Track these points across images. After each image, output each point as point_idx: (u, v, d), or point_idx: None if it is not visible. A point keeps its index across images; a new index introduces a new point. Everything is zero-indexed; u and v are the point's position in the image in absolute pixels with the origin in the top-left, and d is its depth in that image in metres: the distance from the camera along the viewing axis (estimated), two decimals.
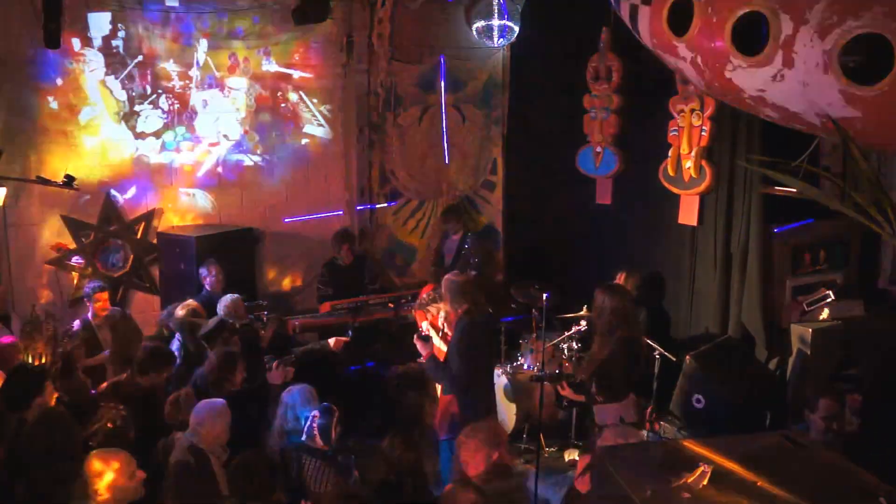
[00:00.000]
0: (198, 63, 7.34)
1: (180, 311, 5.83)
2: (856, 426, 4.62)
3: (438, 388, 5.53)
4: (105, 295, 6.20)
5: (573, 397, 5.16)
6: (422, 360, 5.29)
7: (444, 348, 5.33)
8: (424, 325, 5.63)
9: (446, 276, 5.29)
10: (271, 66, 7.70)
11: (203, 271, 6.55)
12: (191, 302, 5.97)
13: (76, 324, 6.03)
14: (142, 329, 6.57)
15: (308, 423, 4.20)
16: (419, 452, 4.07)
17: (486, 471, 3.78)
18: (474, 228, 8.64)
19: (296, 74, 7.83)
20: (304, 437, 4.22)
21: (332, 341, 6.13)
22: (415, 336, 5.28)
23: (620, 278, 6.25)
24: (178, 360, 5.40)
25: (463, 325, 5.03)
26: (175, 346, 5.71)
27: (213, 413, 4.17)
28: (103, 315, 6.14)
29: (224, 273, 6.57)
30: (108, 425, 4.12)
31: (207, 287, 6.52)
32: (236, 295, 6.13)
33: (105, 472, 3.48)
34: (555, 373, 5.41)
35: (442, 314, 5.57)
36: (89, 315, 6.11)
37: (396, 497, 3.77)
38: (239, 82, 7.57)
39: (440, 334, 5.51)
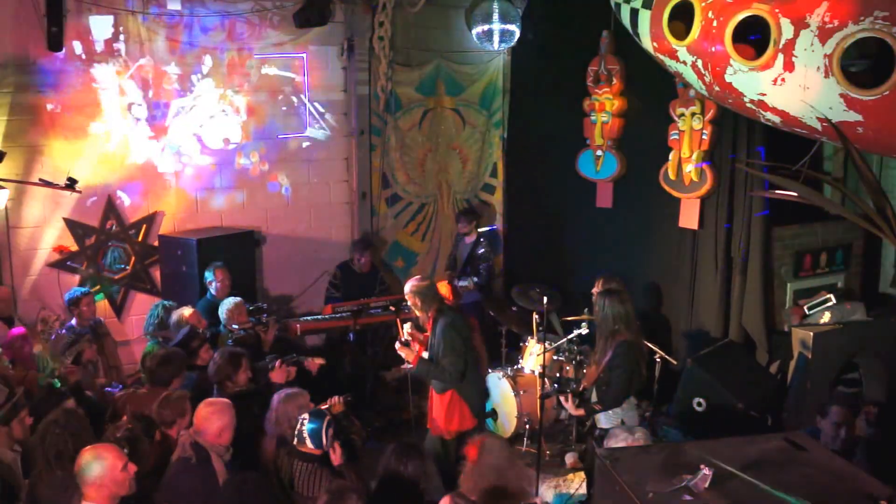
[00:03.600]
0: (200, 66, 7.35)
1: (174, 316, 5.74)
2: (869, 433, 4.61)
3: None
4: (91, 299, 6.12)
5: (574, 412, 5.17)
6: (410, 366, 5.40)
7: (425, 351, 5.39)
8: (406, 328, 5.61)
9: (409, 284, 5.39)
10: (273, 70, 7.72)
11: (208, 275, 6.40)
12: (184, 309, 5.82)
13: (63, 332, 5.81)
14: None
15: (298, 426, 4.13)
16: (423, 456, 4.03)
17: (487, 493, 3.54)
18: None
19: (297, 78, 7.84)
20: (295, 441, 4.15)
21: (311, 362, 5.60)
22: (396, 345, 5.41)
23: (598, 284, 6.28)
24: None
25: (444, 322, 5.20)
26: None
27: (216, 411, 4.14)
28: (88, 321, 6.02)
29: (230, 278, 6.42)
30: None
31: (212, 292, 6.38)
32: (238, 298, 6.12)
33: (93, 463, 3.40)
34: (554, 388, 5.39)
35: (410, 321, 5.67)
36: (73, 321, 5.95)
37: (401, 501, 3.72)
38: (241, 85, 7.57)
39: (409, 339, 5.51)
